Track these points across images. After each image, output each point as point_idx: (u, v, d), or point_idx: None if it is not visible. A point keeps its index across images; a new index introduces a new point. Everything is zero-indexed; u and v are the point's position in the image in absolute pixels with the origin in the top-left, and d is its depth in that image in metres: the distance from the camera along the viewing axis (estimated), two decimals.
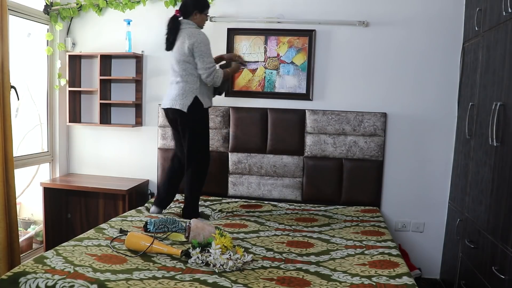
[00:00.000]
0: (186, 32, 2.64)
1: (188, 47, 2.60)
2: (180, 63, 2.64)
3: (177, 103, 2.64)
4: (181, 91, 2.65)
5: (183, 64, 2.64)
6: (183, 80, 2.65)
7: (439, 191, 3.15)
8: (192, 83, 2.65)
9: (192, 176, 2.73)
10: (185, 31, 2.65)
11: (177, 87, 2.67)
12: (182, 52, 2.62)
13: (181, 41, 2.64)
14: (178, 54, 2.65)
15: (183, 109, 2.62)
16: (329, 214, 2.91)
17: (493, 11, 2.34)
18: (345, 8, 3.14)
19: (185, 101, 2.63)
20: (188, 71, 2.65)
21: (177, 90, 2.66)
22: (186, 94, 2.64)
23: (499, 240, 2.07)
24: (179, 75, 2.66)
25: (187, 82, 2.65)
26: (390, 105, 3.16)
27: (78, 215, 3.49)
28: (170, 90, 2.72)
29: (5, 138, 2.61)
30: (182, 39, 2.63)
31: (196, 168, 2.74)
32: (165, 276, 1.73)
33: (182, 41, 2.63)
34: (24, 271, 1.68)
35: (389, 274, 1.84)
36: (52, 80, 3.41)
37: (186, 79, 2.65)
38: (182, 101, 2.63)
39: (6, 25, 2.61)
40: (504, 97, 2.12)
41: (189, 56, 2.62)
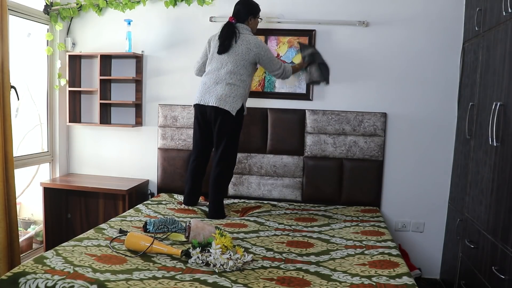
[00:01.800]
0: (250, 39, 2.72)
1: (255, 55, 2.70)
2: (239, 67, 2.69)
3: (226, 104, 2.64)
4: (232, 94, 2.66)
5: (241, 68, 2.69)
6: (236, 84, 2.68)
7: (439, 191, 3.15)
8: (243, 89, 2.71)
9: (221, 177, 2.78)
10: (249, 38, 2.73)
11: (227, 88, 2.66)
12: (246, 57, 2.69)
13: (246, 47, 2.69)
14: (239, 57, 2.68)
15: (232, 111, 2.64)
16: (329, 214, 2.91)
17: (493, 11, 2.34)
18: (345, 8, 3.14)
19: (235, 104, 2.65)
20: (243, 76, 2.70)
21: (228, 91, 2.66)
22: (236, 98, 2.66)
23: (499, 240, 2.07)
24: (234, 77, 2.68)
25: (239, 86, 2.69)
26: (390, 105, 3.17)
27: (78, 215, 3.49)
28: (215, 88, 2.68)
29: (5, 138, 2.61)
30: (248, 45, 2.69)
31: (226, 170, 2.79)
32: (165, 276, 1.73)
33: (248, 47, 2.69)
34: (24, 271, 1.68)
35: (389, 274, 1.84)
36: (52, 80, 3.41)
37: (240, 84, 2.69)
38: (233, 104, 2.65)
39: (6, 25, 2.61)
40: (504, 97, 2.12)
41: (250, 63, 2.71)
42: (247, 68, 2.72)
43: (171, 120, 3.36)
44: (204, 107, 2.71)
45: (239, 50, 2.69)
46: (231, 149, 2.76)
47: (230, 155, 2.78)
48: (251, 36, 2.75)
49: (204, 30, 3.26)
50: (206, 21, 3.26)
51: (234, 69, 2.68)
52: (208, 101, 2.68)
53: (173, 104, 3.36)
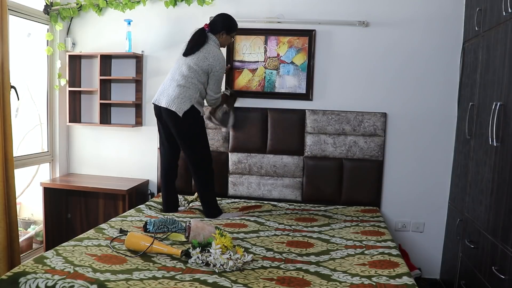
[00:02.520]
0: (212, 50, 2.71)
1: (209, 65, 2.69)
2: (192, 70, 2.69)
3: (174, 105, 2.66)
4: (181, 95, 2.67)
5: (193, 72, 2.69)
6: (186, 86, 2.68)
7: (439, 191, 3.15)
8: (193, 92, 2.70)
9: (202, 178, 2.78)
10: (211, 49, 2.72)
11: (177, 90, 2.68)
12: (201, 64, 2.68)
13: (203, 55, 2.69)
14: (193, 63, 2.69)
15: (179, 113, 2.65)
16: (329, 214, 2.91)
17: (493, 11, 2.34)
18: (345, 8, 3.14)
19: (182, 105, 2.66)
20: (194, 79, 2.70)
21: (177, 93, 2.68)
22: (185, 100, 2.67)
23: (499, 240, 2.07)
24: (185, 80, 2.69)
25: (189, 88, 2.69)
26: (390, 105, 3.16)
27: (78, 215, 3.49)
28: (168, 89, 2.72)
29: (5, 138, 2.61)
30: (206, 54, 2.69)
31: (203, 170, 2.79)
32: (165, 276, 1.73)
33: (205, 56, 2.69)
34: (24, 271, 1.68)
35: (389, 274, 1.84)
36: (52, 80, 3.41)
37: (190, 86, 2.69)
38: (180, 105, 2.66)
39: (6, 25, 2.61)
40: (504, 97, 2.12)
41: (203, 71, 2.70)
42: (199, 75, 2.70)
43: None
44: (158, 107, 2.75)
45: (197, 56, 2.70)
46: (197, 152, 2.76)
47: (198, 155, 2.77)
48: (215, 48, 2.74)
49: None
50: (206, 21, 3.24)
51: (187, 73, 2.69)
52: (160, 102, 2.72)
53: None
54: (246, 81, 3.29)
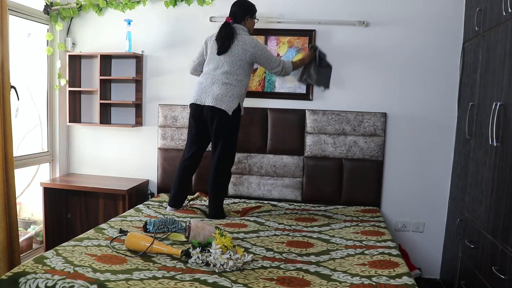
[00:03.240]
0: (246, 39, 2.70)
1: (252, 55, 2.68)
2: (236, 66, 2.68)
3: (223, 104, 2.63)
4: (229, 93, 2.65)
5: (238, 69, 2.68)
6: (232, 83, 2.67)
7: (439, 191, 3.15)
8: (240, 88, 2.70)
9: (221, 178, 2.77)
10: (245, 38, 2.71)
11: (224, 88, 2.65)
12: (243, 58, 2.68)
13: (242, 47, 2.68)
14: (235, 58, 2.67)
15: (228, 111, 2.63)
16: (329, 214, 2.91)
17: (493, 11, 2.34)
18: (345, 8, 3.14)
19: (231, 104, 2.64)
20: (240, 76, 2.69)
21: (224, 91, 2.65)
22: (233, 98, 2.66)
23: (499, 240, 2.07)
24: (230, 77, 2.67)
25: (235, 86, 2.68)
26: (390, 105, 3.17)
27: (78, 215, 3.49)
28: (211, 88, 2.66)
29: (5, 138, 2.61)
30: (244, 45, 2.68)
31: (225, 170, 2.78)
32: (165, 276, 1.73)
33: (244, 47, 2.68)
34: (24, 271, 1.68)
35: (389, 274, 1.84)
36: (52, 80, 3.41)
37: (236, 83, 2.68)
38: (229, 103, 2.64)
39: (6, 25, 2.61)
40: (504, 97, 2.12)
41: (247, 63, 2.70)
42: (243, 69, 2.71)
43: (171, 120, 3.36)
44: (200, 106, 2.70)
45: (236, 51, 2.68)
46: (229, 149, 2.76)
47: (228, 156, 2.77)
48: (248, 37, 2.74)
49: (204, 30, 3.25)
50: (206, 21, 3.26)
51: (231, 69, 2.67)
52: (204, 101, 2.67)
53: (173, 104, 3.36)
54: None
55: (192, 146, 2.83)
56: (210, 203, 2.80)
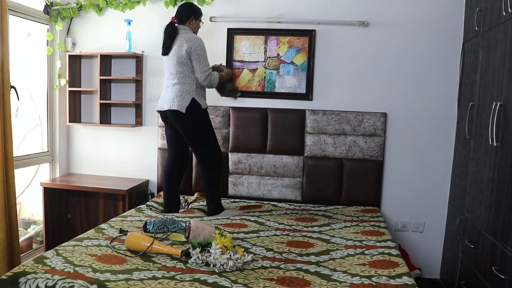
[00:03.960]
0: (183, 36, 2.71)
1: (186, 50, 2.67)
2: (177, 65, 2.69)
3: (175, 104, 2.67)
4: (178, 93, 2.69)
5: (180, 67, 2.69)
6: (180, 82, 2.70)
7: (439, 191, 3.15)
8: (189, 85, 2.71)
9: (208, 174, 2.78)
10: (182, 36, 2.71)
11: (174, 89, 2.71)
12: (180, 55, 2.68)
13: (178, 45, 2.69)
14: (175, 57, 2.69)
15: (181, 109, 2.66)
16: (329, 214, 2.91)
17: (493, 11, 2.34)
18: (345, 8, 3.14)
19: (182, 102, 2.67)
20: (185, 73, 2.70)
21: (174, 92, 2.70)
22: (183, 96, 2.68)
23: (499, 240, 2.07)
24: (176, 77, 2.70)
25: (184, 84, 2.70)
26: (390, 105, 3.16)
27: (78, 215, 3.49)
28: (166, 93, 2.76)
29: (5, 138, 2.61)
30: (180, 42, 2.69)
31: (210, 165, 2.79)
32: (165, 276, 1.73)
33: (180, 44, 2.68)
34: (24, 271, 1.68)
35: (389, 274, 1.84)
36: (52, 80, 3.41)
37: (183, 81, 2.70)
38: (180, 102, 2.67)
39: (6, 25, 2.61)
40: (504, 97, 2.12)
41: (187, 59, 2.68)
42: (186, 65, 2.69)
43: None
44: (163, 113, 2.78)
45: (174, 49, 2.71)
46: (203, 144, 2.76)
47: (206, 150, 2.77)
48: (189, 34, 2.73)
49: (204, 30, 3.24)
50: (206, 21, 3.26)
51: (174, 69, 2.71)
52: (162, 106, 2.76)
53: None
54: (246, 81, 3.29)
55: (169, 148, 2.90)
56: (207, 199, 2.83)
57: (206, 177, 2.79)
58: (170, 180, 2.87)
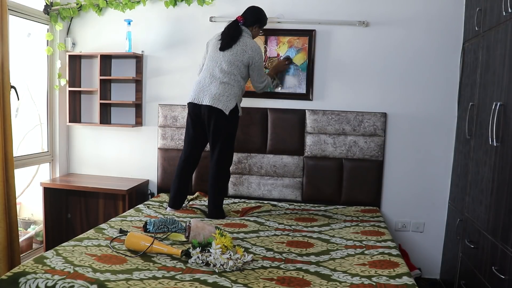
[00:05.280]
0: (248, 42, 2.72)
1: (249, 58, 2.69)
2: (233, 66, 2.68)
3: (220, 103, 2.62)
4: (226, 93, 2.65)
5: (234, 68, 2.68)
6: (229, 83, 2.67)
7: (439, 191, 3.15)
8: (237, 89, 2.70)
9: (220, 178, 2.78)
10: (247, 41, 2.72)
11: (221, 87, 2.65)
12: (241, 58, 2.68)
13: (241, 48, 2.69)
14: (234, 57, 2.68)
15: (225, 110, 2.63)
16: (329, 214, 2.91)
17: (493, 11, 2.34)
18: (345, 8, 3.14)
19: (228, 103, 2.64)
20: (237, 76, 2.70)
21: (222, 90, 2.65)
22: (230, 98, 2.65)
23: (499, 240, 2.07)
24: (227, 77, 2.67)
25: (233, 86, 2.68)
26: (390, 105, 3.16)
27: (78, 215, 3.49)
28: (209, 87, 2.67)
29: (5, 138, 2.61)
30: (243, 46, 2.69)
31: (224, 170, 2.79)
32: (165, 276, 1.73)
33: (244, 49, 2.69)
34: (24, 271, 1.68)
35: (389, 274, 1.84)
36: (52, 80, 3.41)
37: (234, 83, 2.68)
38: (226, 103, 2.63)
39: (6, 25, 2.61)
40: (504, 97, 2.12)
41: (244, 65, 2.70)
42: (240, 69, 2.70)
43: (171, 120, 3.36)
44: (198, 106, 2.69)
45: (235, 50, 2.69)
46: (227, 150, 2.76)
47: (227, 156, 2.78)
48: (250, 40, 2.75)
49: (204, 30, 3.26)
50: (206, 21, 3.26)
51: (228, 68, 2.67)
52: (202, 100, 2.67)
53: (173, 104, 3.36)
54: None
55: (189, 147, 2.83)
56: (209, 203, 2.80)
57: (216, 180, 2.76)
58: (183, 175, 2.84)
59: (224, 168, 2.79)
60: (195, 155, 2.85)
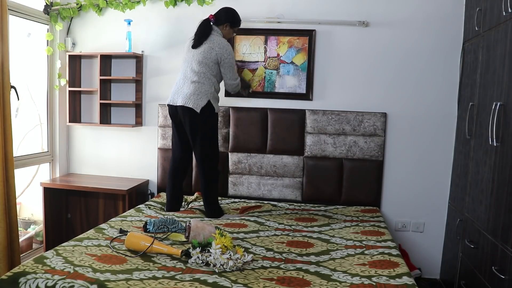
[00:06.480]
0: (216, 39, 2.72)
1: (217, 55, 2.69)
2: (202, 64, 2.69)
3: (190, 102, 2.65)
4: (196, 91, 2.67)
5: (203, 67, 2.69)
6: (200, 81, 2.69)
7: (439, 191, 3.15)
8: (208, 86, 2.71)
9: (207, 177, 2.78)
10: (215, 38, 2.73)
11: (192, 87, 2.68)
12: (208, 56, 2.69)
13: (209, 46, 2.70)
14: (202, 56, 2.69)
15: (196, 109, 2.64)
16: (329, 214, 2.91)
17: (493, 11, 2.34)
18: (345, 8, 3.14)
19: (199, 102, 2.65)
20: (207, 74, 2.70)
21: (192, 90, 2.67)
22: (201, 96, 2.67)
23: (499, 240, 2.07)
24: (197, 76, 2.69)
25: (204, 84, 2.69)
26: (390, 105, 3.16)
27: (78, 215, 3.49)
28: (182, 88, 2.71)
29: (5, 138, 2.61)
30: (211, 44, 2.70)
31: (210, 169, 2.79)
32: (165, 276, 1.73)
33: (211, 46, 2.70)
34: (24, 271, 1.68)
35: (389, 274, 1.84)
36: (52, 80, 3.41)
37: (204, 81, 2.69)
38: (196, 101, 2.65)
39: (6, 25, 2.61)
40: (504, 97, 2.12)
41: (213, 63, 2.70)
42: (210, 67, 2.71)
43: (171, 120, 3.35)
44: (174, 107, 2.74)
45: (203, 49, 2.71)
46: (208, 147, 2.76)
47: (210, 153, 2.77)
48: (219, 37, 2.75)
49: None
50: None
51: (198, 68, 2.69)
52: (176, 101, 2.71)
53: None
54: (246, 81, 3.28)
55: (176, 151, 2.87)
56: (204, 204, 2.82)
57: (203, 180, 2.78)
58: (175, 177, 2.86)
59: (209, 165, 2.78)
60: (184, 157, 2.87)
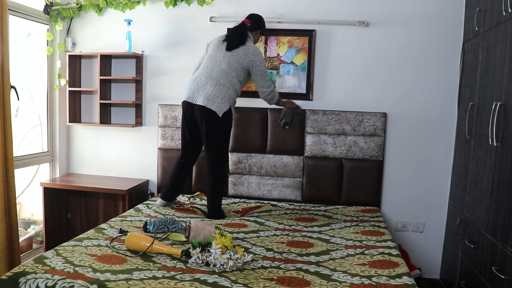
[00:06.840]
0: (250, 46, 2.74)
1: (250, 62, 2.69)
2: (232, 68, 2.68)
3: (213, 105, 2.61)
4: (221, 95, 2.63)
5: (234, 71, 2.68)
6: (226, 85, 2.66)
7: (439, 191, 3.15)
8: (232, 91, 2.70)
9: (216, 180, 2.77)
10: (250, 45, 2.75)
11: (217, 88, 2.63)
12: (241, 61, 2.69)
13: (244, 51, 2.70)
14: (234, 60, 2.68)
15: (219, 113, 2.62)
16: (329, 214, 2.91)
17: (493, 11, 2.34)
18: (345, 8, 3.14)
19: (222, 106, 2.63)
20: (234, 78, 2.69)
21: (217, 92, 2.63)
22: (224, 100, 2.64)
23: (499, 240, 2.07)
24: (224, 78, 2.66)
25: (229, 88, 2.67)
26: (390, 105, 3.17)
27: (78, 215, 3.49)
28: (205, 86, 2.64)
29: (5, 138, 2.61)
30: (246, 50, 2.70)
31: (220, 172, 2.80)
32: (165, 276, 1.73)
33: (246, 52, 2.70)
34: (24, 271, 1.68)
35: (389, 274, 1.84)
36: (52, 80, 3.41)
37: (229, 85, 2.67)
38: (220, 105, 2.62)
39: (6, 25, 2.61)
40: (504, 97, 2.12)
41: (243, 68, 2.71)
42: (238, 73, 2.70)
43: (171, 120, 3.36)
44: (191, 105, 2.68)
45: (237, 53, 2.69)
46: (222, 152, 2.76)
47: (222, 157, 2.78)
48: (252, 44, 2.78)
49: (204, 30, 3.26)
50: (206, 21, 3.26)
51: (227, 69, 2.67)
52: (196, 99, 2.65)
53: (173, 104, 3.36)
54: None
55: (185, 149, 2.86)
56: (208, 204, 2.80)
57: (210, 182, 2.76)
58: (180, 169, 2.86)
59: (221, 169, 2.80)
60: (191, 156, 2.88)
